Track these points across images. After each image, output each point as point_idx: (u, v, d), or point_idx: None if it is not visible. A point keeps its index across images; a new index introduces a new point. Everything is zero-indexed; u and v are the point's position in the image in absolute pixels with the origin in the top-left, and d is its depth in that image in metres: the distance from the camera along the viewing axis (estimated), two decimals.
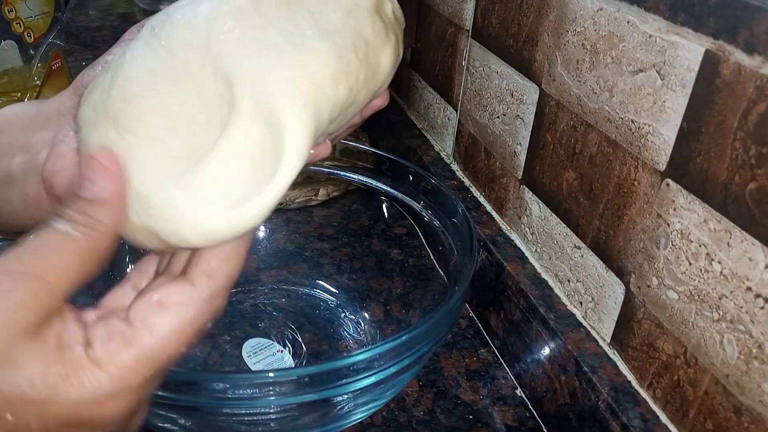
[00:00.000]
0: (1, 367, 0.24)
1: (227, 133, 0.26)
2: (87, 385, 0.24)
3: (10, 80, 0.80)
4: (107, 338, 0.25)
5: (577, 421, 0.48)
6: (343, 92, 0.28)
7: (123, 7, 1.48)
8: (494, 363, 0.59)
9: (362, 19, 0.29)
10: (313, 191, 0.76)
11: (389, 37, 0.30)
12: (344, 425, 0.47)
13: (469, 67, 0.70)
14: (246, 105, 0.26)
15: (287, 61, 0.26)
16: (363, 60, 0.29)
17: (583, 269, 0.51)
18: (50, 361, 0.24)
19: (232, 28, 0.27)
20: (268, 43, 0.27)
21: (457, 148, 0.75)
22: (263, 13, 0.27)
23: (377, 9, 0.30)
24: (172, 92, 0.26)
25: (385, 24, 0.30)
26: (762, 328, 0.35)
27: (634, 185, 0.45)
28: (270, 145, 0.26)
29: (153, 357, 0.25)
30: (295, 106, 0.26)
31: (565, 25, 0.51)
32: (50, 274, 0.25)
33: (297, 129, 0.26)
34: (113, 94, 0.27)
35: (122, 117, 0.27)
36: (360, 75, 0.29)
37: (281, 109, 0.26)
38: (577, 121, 0.51)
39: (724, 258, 0.37)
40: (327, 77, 0.27)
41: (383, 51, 0.30)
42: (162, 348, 0.26)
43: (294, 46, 0.27)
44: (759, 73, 0.34)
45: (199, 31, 0.27)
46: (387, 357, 0.40)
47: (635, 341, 0.46)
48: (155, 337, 0.25)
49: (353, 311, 0.62)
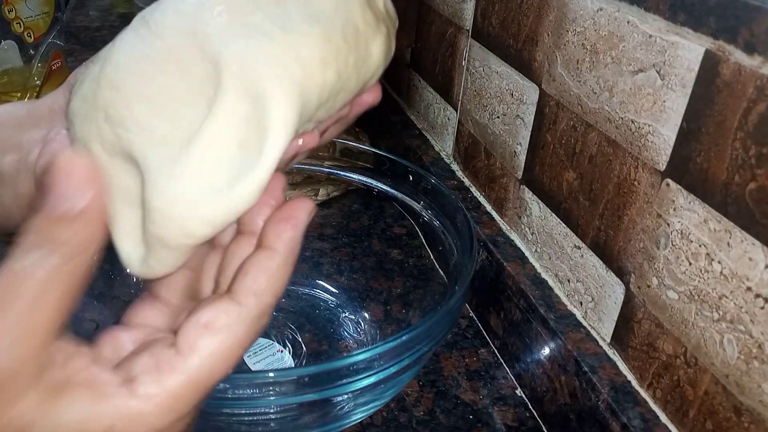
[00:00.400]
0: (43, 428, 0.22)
1: (213, 113, 0.26)
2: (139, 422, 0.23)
3: (10, 80, 0.80)
4: (156, 368, 0.24)
5: (577, 421, 0.48)
6: (332, 76, 0.28)
7: (123, 7, 1.48)
8: (494, 363, 0.59)
9: (353, 7, 0.29)
10: (313, 191, 0.76)
11: (380, 28, 0.31)
12: (344, 425, 0.47)
13: (469, 67, 0.70)
14: (232, 84, 0.26)
15: (275, 43, 0.26)
16: (353, 46, 0.29)
17: (583, 269, 0.51)
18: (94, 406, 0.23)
19: (221, 13, 0.27)
20: (257, 26, 0.27)
21: (457, 148, 0.75)
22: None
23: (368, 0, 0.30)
24: (159, 76, 0.26)
25: (375, 15, 0.31)
26: (762, 328, 0.35)
27: (634, 185, 0.45)
28: (255, 122, 0.26)
29: (203, 383, 0.25)
30: (281, 84, 0.26)
31: (565, 25, 0.51)
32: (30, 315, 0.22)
33: (282, 105, 0.26)
34: (102, 83, 0.27)
35: (111, 106, 0.27)
36: (350, 61, 0.29)
37: (267, 87, 0.26)
38: (577, 121, 0.51)
39: (724, 258, 0.37)
40: (315, 60, 0.27)
41: (374, 40, 0.30)
42: (212, 372, 0.25)
43: (282, 29, 0.27)
44: (759, 73, 0.34)
45: (187, 17, 0.27)
46: (387, 357, 0.40)
47: (635, 341, 0.46)
48: (204, 361, 0.24)
49: (353, 311, 0.62)
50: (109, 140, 0.27)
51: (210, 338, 0.25)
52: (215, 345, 0.25)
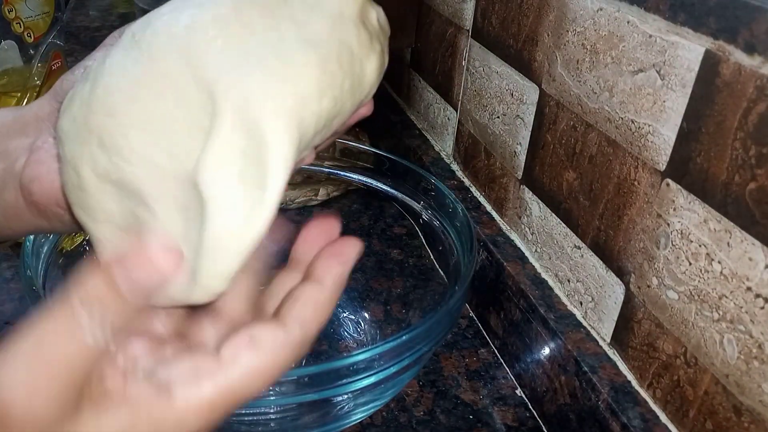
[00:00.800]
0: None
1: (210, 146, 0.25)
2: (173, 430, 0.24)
3: (10, 80, 0.80)
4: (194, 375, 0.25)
5: (577, 421, 0.48)
6: (328, 104, 0.27)
7: (123, 7, 1.48)
8: (494, 363, 0.59)
9: (347, 29, 0.28)
10: (313, 191, 0.76)
11: (374, 47, 0.30)
12: (344, 425, 0.47)
13: (469, 67, 0.70)
14: (229, 117, 0.25)
15: (270, 73, 0.26)
16: (348, 71, 0.28)
17: (583, 269, 0.51)
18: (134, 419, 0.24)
19: (215, 38, 0.26)
20: (251, 53, 0.26)
21: (457, 148, 0.75)
22: (246, 23, 0.26)
23: (362, 18, 0.29)
24: (153, 103, 0.26)
25: (369, 33, 0.30)
26: (762, 328, 0.35)
27: (634, 185, 0.45)
28: (253, 157, 0.25)
29: (237, 394, 0.25)
30: (278, 119, 0.25)
31: (565, 25, 0.51)
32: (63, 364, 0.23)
33: (281, 140, 0.25)
34: (94, 106, 0.26)
35: (106, 133, 0.26)
36: (345, 86, 0.28)
37: (264, 121, 0.25)
38: (577, 121, 0.51)
39: (724, 258, 0.37)
40: (312, 90, 0.26)
41: (368, 61, 0.29)
42: (248, 387, 0.25)
43: (277, 57, 0.26)
44: (759, 73, 0.34)
45: (180, 40, 0.26)
46: (387, 357, 0.40)
47: (635, 341, 0.46)
48: (243, 374, 0.25)
49: (353, 311, 0.62)
50: (104, 167, 0.26)
51: (254, 353, 0.25)
52: (257, 361, 0.25)
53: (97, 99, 0.26)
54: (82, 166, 0.27)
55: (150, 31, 0.27)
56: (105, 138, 0.26)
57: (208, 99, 0.25)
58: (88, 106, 0.27)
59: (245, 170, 0.25)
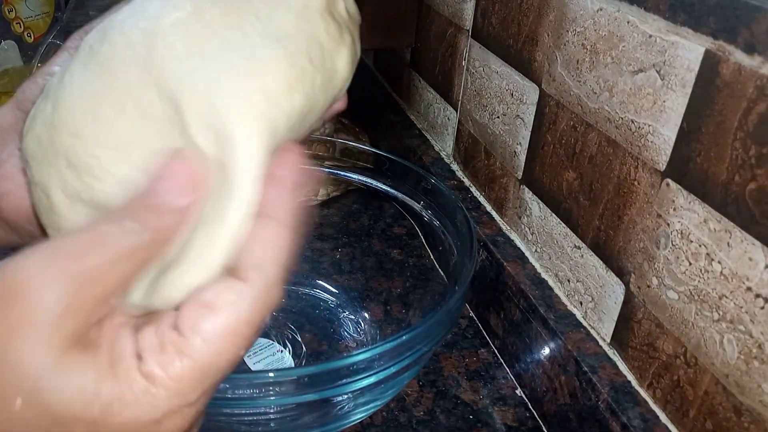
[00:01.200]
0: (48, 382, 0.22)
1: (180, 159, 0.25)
2: (144, 403, 0.22)
3: (10, 80, 0.80)
4: (160, 349, 0.23)
5: (577, 421, 0.48)
6: (300, 101, 0.26)
7: None
8: (494, 363, 0.59)
9: (315, 22, 0.27)
10: (313, 191, 0.76)
11: (344, 38, 0.29)
12: (344, 425, 0.47)
13: (469, 67, 0.70)
14: (195, 125, 0.24)
15: (235, 73, 0.25)
16: (318, 66, 0.27)
17: (583, 269, 0.51)
18: (103, 377, 0.22)
19: (174, 43, 0.25)
20: (214, 54, 0.25)
21: (457, 148, 0.75)
22: (207, 23, 0.25)
23: (329, 9, 0.28)
24: (117, 119, 0.25)
25: (339, 24, 0.29)
26: (762, 328, 0.35)
27: (634, 185, 0.45)
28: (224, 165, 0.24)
29: (209, 366, 0.23)
30: (246, 121, 0.24)
31: (565, 25, 0.51)
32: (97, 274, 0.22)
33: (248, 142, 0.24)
34: (58, 126, 0.26)
35: (74, 154, 0.25)
36: (316, 81, 0.27)
37: (232, 127, 0.24)
38: (577, 121, 0.51)
39: (724, 258, 0.37)
40: (281, 87, 0.25)
41: (339, 54, 0.28)
42: (218, 354, 0.23)
43: (242, 56, 0.25)
44: (759, 73, 0.34)
45: (138, 49, 0.25)
46: (387, 357, 0.40)
47: (635, 341, 0.46)
48: (208, 344, 0.23)
49: (353, 311, 0.62)
50: (74, 187, 0.26)
51: (212, 318, 0.23)
52: (218, 325, 0.23)
53: (60, 119, 0.26)
54: (51, 188, 0.26)
55: (107, 42, 0.26)
56: (72, 158, 0.25)
57: (172, 108, 0.24)
58: (52, 126, 0.26)
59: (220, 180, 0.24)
